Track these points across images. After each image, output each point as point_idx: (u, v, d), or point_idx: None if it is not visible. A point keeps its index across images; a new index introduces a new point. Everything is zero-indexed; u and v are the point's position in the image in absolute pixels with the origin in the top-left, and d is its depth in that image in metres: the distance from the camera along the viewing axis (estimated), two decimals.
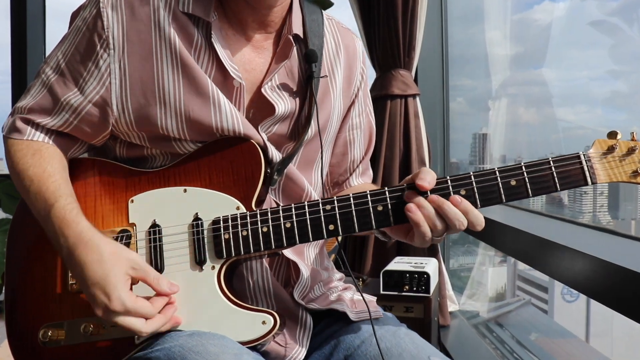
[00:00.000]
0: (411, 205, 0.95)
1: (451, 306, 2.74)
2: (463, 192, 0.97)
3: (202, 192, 1.05)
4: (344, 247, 2.79)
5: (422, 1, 2.65)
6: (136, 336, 1.01)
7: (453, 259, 3.45)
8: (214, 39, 1.05)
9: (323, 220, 1.00)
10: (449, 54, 3.05)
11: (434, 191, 0.96)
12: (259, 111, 1.10)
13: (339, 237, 1.03)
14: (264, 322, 1.00)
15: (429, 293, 2.11)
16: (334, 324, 1.14)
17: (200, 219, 1.03)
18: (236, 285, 1.09)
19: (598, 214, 2.58)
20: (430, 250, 2.57)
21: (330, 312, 1.15)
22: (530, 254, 1.73)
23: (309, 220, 1.00)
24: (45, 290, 1.06)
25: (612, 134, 0.97)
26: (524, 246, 1.80)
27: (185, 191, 1.06)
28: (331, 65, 1.19)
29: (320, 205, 1.00)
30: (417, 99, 2.73)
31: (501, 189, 0.96)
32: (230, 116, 1.05)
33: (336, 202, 1.00)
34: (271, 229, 1.01)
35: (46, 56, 1.13)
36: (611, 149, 0.96)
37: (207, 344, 0.93)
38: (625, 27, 2.29)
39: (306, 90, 1.13)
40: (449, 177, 0.98)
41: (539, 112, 3.08)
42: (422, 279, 2.12)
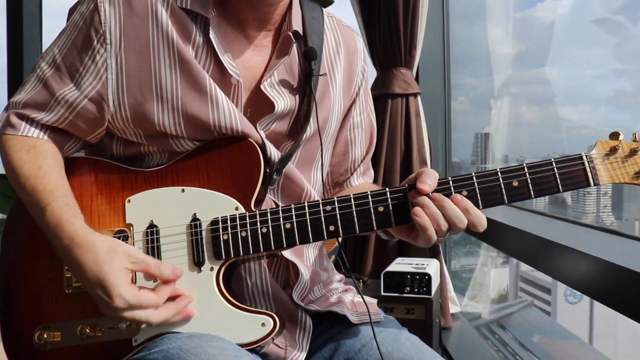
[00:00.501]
0: (418, 210, 0.95)
1: (453, 308, 2.74)
2: (465, 192, 0.97)
3: (200, 192, 1.05)
4: (344, 247, 2.79)
5: None
6: (134, 338, 1.01)
7: (455, 260, 3.45)
8: (212, 36, 1.05)
9: (323, 221, 1.00)
10: (451, 52, 3.05)
11: (435, 192, 0.96)
12: (258, 109, 1.10)
13: (339, 238, 1.03)
14: (263, 324, 1.00)
15: (430, 294, 2.11)
16: (334, 326, 1.14)
17: (199, 220, 1.03)
18: (235, 286, 1.09)
19: (601, 215, 2.58)
20: (431, 251, 2.56)
21: (330, 314, 1.14)
22: (533, 254, 1.73)
23: (309, 221, 1.00)
24: (40, 292, 1.06)
25: (615, 135, 0.97)
26: (526, 247, 1.80)
27: (183, 191, 1.05)
28: (331, 63, 1.19)
29: (321, 205, 1.00)
30: (419, 98, 2.73)
31: (503, 189, 0.96)
32: (228, 113, 1.05)
33: (336, 202, 1.00)
34: (271, 230, 1.01)
35: (42, 52, 1.13)
36: (613, 150, 0.96)
37: (205, 345, 0.93)
38: (629, 25, 2.29)
39: (305, 88, 1.12)
40: (450, 177, 0.98)
41: (542, 112, 3.08)
42: (423, 280, 2.12)
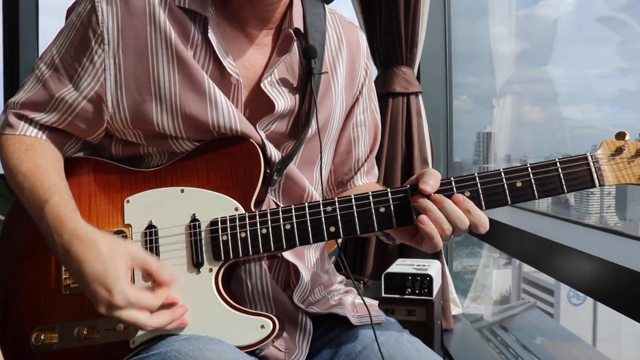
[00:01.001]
0: (423, 218, 0.95)
1: (454, 309, 2.74)
2: (467, 193, 0.97)
3: (199, 193, 1.05)
4: (345, 248, 2.79)
5: None
6: (131, 340, 1.01)
7: (456, 261, 3.45)
8: (210, 35, 1.05)
9: (324, 221, 1.00)
10: (453, 50, 3.05)
11: (437, 193, 0.96)
12: (258, 109, 1.09)
13: (340, 239, 1.03)
14: (262, 326, 1.00)
15: (431, 296, 2.11)
16: (335, 328, 1.14)
17: (198, 220, 1.03)
18: (234, 288, 1.09)
19: (605, 215, 2.58)
20: (433, 252, 2.56)
21: (330, 316, 1.14)
22: (536, 255, 1.73)
23: (309, 221, 1.00)
24: (37, 293, 1.06)
25: (620, 135, 0.97)
26: (529, 248, 1.80)
27: (183, 191, 1.05)
28: (333, 61, 1.18)
29: (321, 206, 1.00)
30: (420, 97, 2.73)
31: (506, 190, 0.96)
32: (227, 113, 1.05)
33: (337, 203, 1.00)
34: (270, 231, 1.01)
35: (41, 52, 1.13)
36: (619, 150, 0.96)
37: (204, 348, 0.93)
38: (634, 24, 2.29)
39: (306, 87, 1.12)
40: (453, 178, 0.98)
41: (545, 111, 3.08)
42: (424, 281, 2.11)
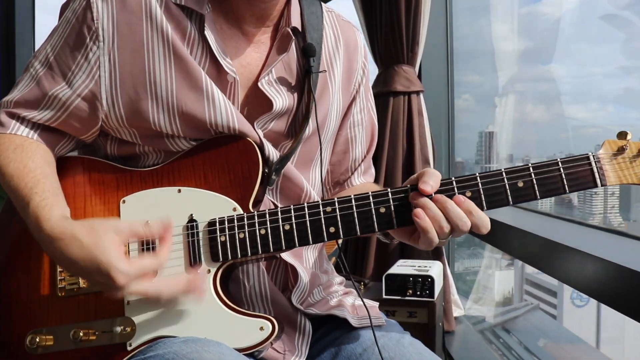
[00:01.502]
0: (419, 211, 0.95)
1: (456, 311, 2.74)
2: (468, 193, 0.97)
3: (197, 193, 1.05)
4: (345, 249, 2.79)
5: None
6: (128, 342, 1.01)
7: (458, 262, 3.45)
8: (207, 32, 1.05)
9: (323, 222, 1.00)
10: (454, 48, 3.05)
11: (438, 193, 0.96)
12: (255, 107, 1.09)
13: (340, 239, 1.03)
14: (261, 328, 1.00)
15: (433, 297, 2.11)
16: (335, 330, 1.14)
17: (195, 221, 1.03)
18: (232, 289, 1.08)
19: (609, 216, 2.58)
20: (434, 253, 2.56)
21: (330, 318, 1.14)
22: (539, 256, 1.73)
23: (308, 222, 1.00)
24: (32, 295, 1.06)
25: (622, 135, 0.96)
26: (532, 249, 1.80)
27: (180, 191, 1.05)
28: (330, 60, 1.18)
29: (321, 206, 1.00)
30: (421, 95, 2.73)
31: (508, 190, 0.96)
32: (225, 111, 1.05)
33: (337, 203, 1.00)
34: (269, 232, 1.01)
35: (35, 50, 1.13)
36: (621, 150, 0.96)
37: (202, 350, 0.93)
38: (638, 21, 2.29)
39: (304, 86, 1.12)
40: (454, 178, 0.98)
41: (548, 110, 3.08)
42: (426, 282, 2.12)
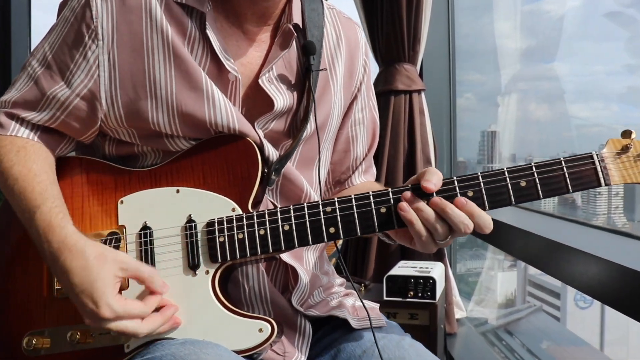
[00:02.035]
0: (403, 204, 0.96)
1: (458, 313, 2.74)
2: (470, 193, 0.97)
3: (195, 193, 1.05)
4: (345, 250, 2.79)
5: None
6: (125, 345, 1.01)
7: (460, 263, 3.45)
8: (208, 31, 1.05)
9: (323, 222, 1.00)
10: (456, 47, 3.05)
11: (440, 192, 0.96)
12: (256, 107, 1.10)
13: (340, 240, 1.03)
14: (260, 330, 1.00)
15: (434, 299, 2.11)
16: (335, 331, 1.14)
17: (194, 221, 1.03)
18: (231, 291, 1.09)
19: (613, 216, 2.58)
20: (436, 254, 2.56)
21: (330, 319, 1.15)
22: (542, 257, 1.73)
23: (308, 222, 1.00)
24: (29, 296, 1.06)
25: (626, 133, 0.96)
26: (535, 250, 1.80)
27: (178, 192, 1.06)
28: (331, 58, 1.19)
29: (321, 207, 1.00)
30: (423, 94, 2.73)
31: (510, 190, 0.96)
32: (225, 111, 1.05)
33: (337, 203, 1.00)
34: (269, 232, 1.01)
35: (33, 48, 1.13)
36: (625, 149, 0.96)
37: (200, 352, 0.93)
38: None
39: (305, 84, 1.12)
40: (455, 177, 0.98)
41: (551, 109, 3.08)
42: (427, 284, 2.12)
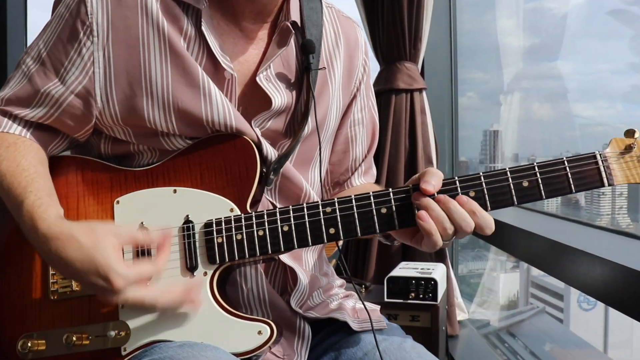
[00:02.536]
0: (422, 214, 0.95)
1: (460, 315, 2.74)
2: (472, 193, 0.96)
3: (193, 193, 1.05)
4: (346, 251, 2.79)
5: None
6: (123, 347, 1.01)
7: (462, 264, 3.45)
8: (204, 28, 1.05)
9: (323, 223, 1.00)
10: (458, 45, 3.05)
11: (441, 192, 0.96)
12: (253, 105, 1.09)
13: (340, 241, 1.03)
14: (259, 332, 1.00)
15: (436, 301, 2.11)
16: (335, 334, 1.14)
17: (192, 222, 1.03)
18: (229, 292, 1.09)
19: (617, 217, 2.58)
20: (437, 255, 2.56)
21: (330, 322, 1.15)
22: (545, 259, 1.73)
23: (308, 223, 1.00)
24: (24, 298, 1.06)
25: (630, 133, 0.97)
26: (537, 251, 1.80)
27: (175, 192, 1.05)
28: (330, 57, 1.18)
29: (320, 207, 1.00)
30: (424, 93, 2.73)
31: (512, 190, 0.96)
32: (222, 108, 1.05)
33: (337, 204, 0.99)
34: (267, 233, 1.01)
35: (27, 46, 1.13)
36: (629, 149, 0.96)
37: (198, 355, 0.93)
38: None
39: (303, 83, 1.12)
40: (457, 177, 0.98)
41: (554, 108, 3.08)
42: (429, 285, 2.12)
